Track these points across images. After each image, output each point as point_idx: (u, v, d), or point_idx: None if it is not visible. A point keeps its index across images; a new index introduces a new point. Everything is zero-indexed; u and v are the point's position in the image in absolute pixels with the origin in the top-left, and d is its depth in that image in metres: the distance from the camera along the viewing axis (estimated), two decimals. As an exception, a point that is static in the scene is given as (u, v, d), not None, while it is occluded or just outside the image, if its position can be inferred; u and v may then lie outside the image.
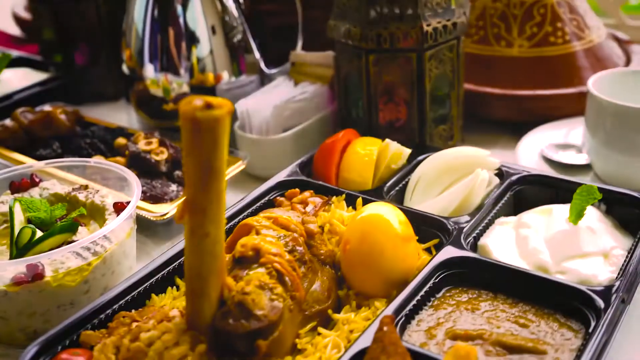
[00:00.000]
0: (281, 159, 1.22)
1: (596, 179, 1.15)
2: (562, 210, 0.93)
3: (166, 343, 0.72)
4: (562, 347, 0.74)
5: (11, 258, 0.89)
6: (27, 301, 0.86)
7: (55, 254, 0.86)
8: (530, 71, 1.36)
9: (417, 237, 0.89)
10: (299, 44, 1.40)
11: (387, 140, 1.07)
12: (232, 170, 1.16)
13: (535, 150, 1.23)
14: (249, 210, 0.99)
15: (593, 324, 0.74)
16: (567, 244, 0.88)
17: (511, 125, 1.35)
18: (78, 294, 0.88)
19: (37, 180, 1.03)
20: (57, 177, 1.08)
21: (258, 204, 1.00)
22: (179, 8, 1.29)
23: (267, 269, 0.77)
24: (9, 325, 0.88)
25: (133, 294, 0.83)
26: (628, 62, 1.43)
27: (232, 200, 1.20)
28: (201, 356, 0.71)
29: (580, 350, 0.71)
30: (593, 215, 0.93)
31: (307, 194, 0.98)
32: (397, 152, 1.05)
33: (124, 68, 1.38)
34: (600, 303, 0.75)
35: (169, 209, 1.06)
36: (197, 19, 1.30)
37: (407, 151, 1.07)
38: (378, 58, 1.15)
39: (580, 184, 0.93)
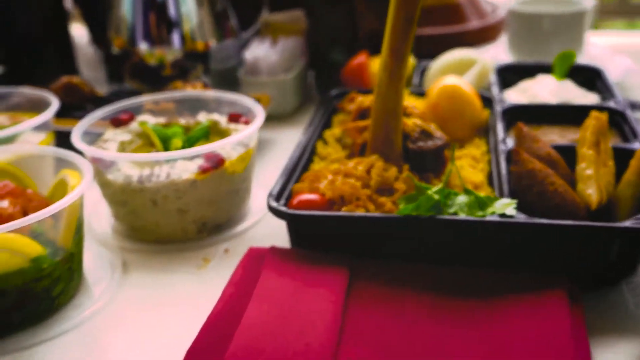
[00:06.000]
0: (287, 96, 1.44)
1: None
2: (545, 77, 1.30)
3: (380, 168, 0.93)
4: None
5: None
6: (209, 189, 0.98)
7: (225, 143, 0.99)
8: (440, 17, 1.74)
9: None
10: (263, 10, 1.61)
11: (399, 54, 1.35)
12: (266, 108, 1.35)
13: (472, 66, 1.61)
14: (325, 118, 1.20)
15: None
16: (563, 92, 1.24)
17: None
18: (240, 182, 1.03)
19: (134, 115, 1.13)
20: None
21: (328, 113, 1.22)
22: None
23: (414, 116, 1.02)
24: (186, 218, 0.99)
25: (300, 164, 1.01)
26: (495, 10, 1.90)
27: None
28: (408, 173, 0.93)
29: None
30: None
31: (360, 98, 1.23)
32: (410, 61, 1.35)
33: (114, 50, 1.48)
34: (621, 107, 1.13)
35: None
36: (184, -5, 1.46)
37: (414, 60, 1.37)
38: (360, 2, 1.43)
39: (544, 65, 1.32)
